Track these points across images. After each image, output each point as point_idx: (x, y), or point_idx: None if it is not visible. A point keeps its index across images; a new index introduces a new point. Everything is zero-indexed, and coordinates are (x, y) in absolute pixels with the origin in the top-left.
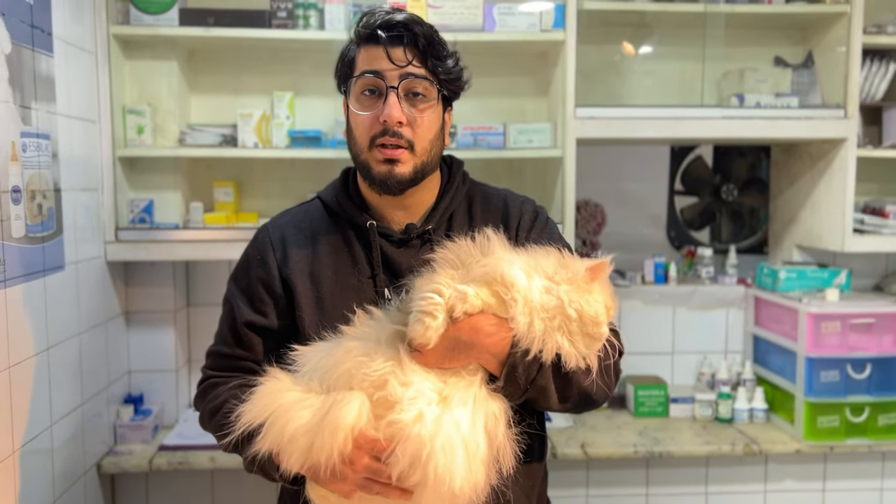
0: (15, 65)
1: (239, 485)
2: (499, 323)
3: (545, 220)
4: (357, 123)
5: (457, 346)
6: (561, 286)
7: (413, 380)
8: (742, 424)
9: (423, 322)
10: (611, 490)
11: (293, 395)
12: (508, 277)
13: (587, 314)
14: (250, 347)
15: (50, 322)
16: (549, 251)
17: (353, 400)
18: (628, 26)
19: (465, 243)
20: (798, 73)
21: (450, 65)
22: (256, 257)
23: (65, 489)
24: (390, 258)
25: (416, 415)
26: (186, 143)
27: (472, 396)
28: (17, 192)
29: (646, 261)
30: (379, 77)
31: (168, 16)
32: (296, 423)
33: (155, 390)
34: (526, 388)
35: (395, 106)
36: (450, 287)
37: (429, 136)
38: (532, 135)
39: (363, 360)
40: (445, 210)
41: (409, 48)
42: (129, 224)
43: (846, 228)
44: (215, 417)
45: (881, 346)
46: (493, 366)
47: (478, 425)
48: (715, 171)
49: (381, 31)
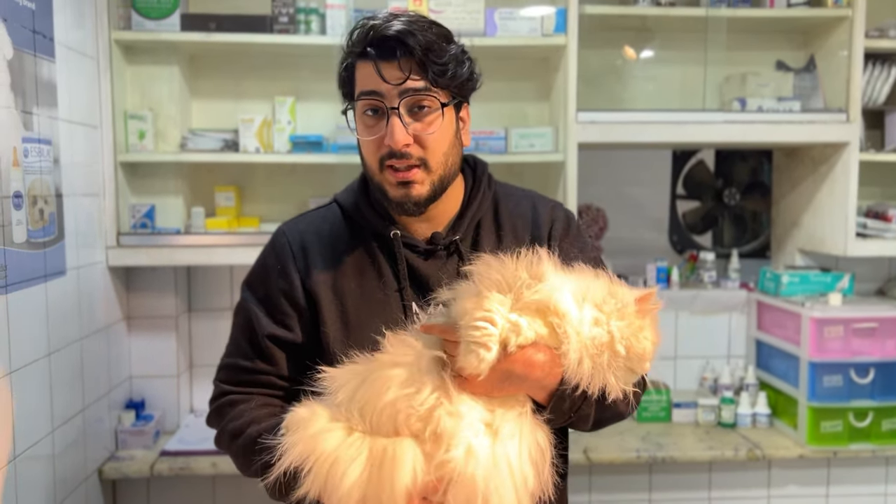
0: (16, 70)
1: (240, 490)
2: (553, 358)
3: (577, 228)
4: (363, 145)
5: (508, 379)
6: (611, 320)
7: (462, 410)
8: (745, 429)
9: (476, 354)
10: (614, 496)
11: (336, 438)
12: (562, 308)
13: (635, 351)
14: (273, 361)
15: (51, 327)
16: (598, 274)
17: (406, 456)
18: (630, 31)
19: (510, 261)
20: (800, 77)
21: (453, 68)
22: (276, 266)
23: (66, 495)
24: (417, 270)
25: (466, 450)
26: (188, 149)
27: (520, 427)
28: (18, 197)
29: (648, 265)
30: (378, 97)
31: (169, 21)
32: (348, 480)
33: (156, 396)
34: (569, 418)
35: (397, 129)
36: (502, 317)
37: (442, 148)
38: (534, 139)
39: (409, 392)
40: (472, 218)
41: (404, 61)
42: (130, 229)
43: (849, 232)
44: (238, 441)
45: (884, 350)
46: (541, 397)
47: (525, 457)
48: (717, 175)
49: (372, 49)
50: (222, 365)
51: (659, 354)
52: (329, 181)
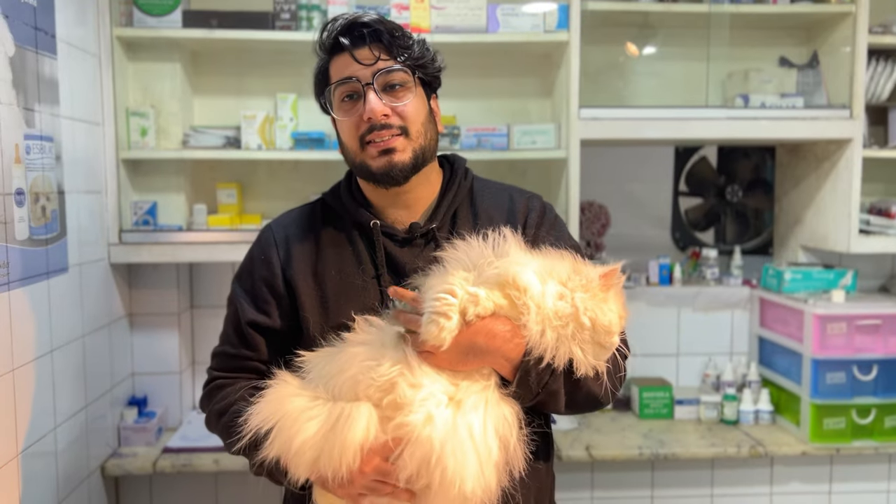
0: (18, 67)
1: (243, 487)
2: (514, 328)
3: (553, 217)
4: (344, 129)
5: (471, 350)
6: (576, 293)
7: (423, 382)
8: (747, 426)
9: (437, 323)
10: (616, 492)
11: (300, 402)
12: (522, 281)
13: (600, 323)
14: (255, 347)
15: (53, 324)
16: (563, 255)
17: (360, 415)
18: (632, 27)
19: (478, 243)
20: (803, 73)
21: (417, 50)
22: (260, 257)
23: (69, 492)
24: (394, 258)
25: (426, 417)
26: (190, 146)
27: (485, 400)
28: (20, 194)
29: (650, 262)
30: (353, 81)
31: (171, 18)
32: (302, 435)
33: (159, 392)
34: (537, 393)
35: (374, 101)
36: (462, 288)
37: (419, 118)
38: (536, 136)
39: (370, 364)
40: (449, 207)
41: (374, 45)
42: (132, 226)
43: (852, 229)
44: (222, 419)
45: (887, 347)
46: (507, 370)
47: (489, 429)
48: (719, 171)
49: (343, 38)
50: (213, 353)
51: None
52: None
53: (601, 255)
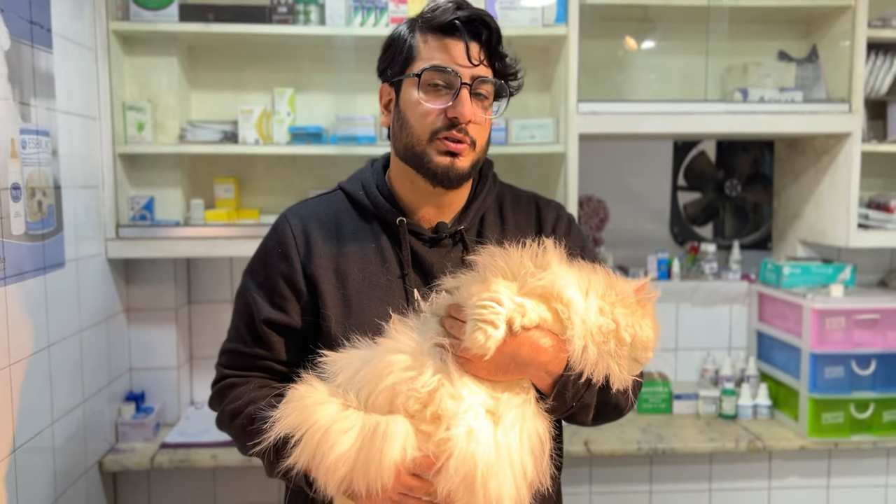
0: (14, 61)
1: (240, 482)
2: (559, 343)
3: (578, 229)
4: (418, 114)
5: (514, 361)
6: (616, 309)
7: (463, 393)
8: (746, 421)
9: (483, 331)
10: (614, 487)
11: (331, 411)
12: (566, 296)
13: (640, 339)
14: (269, 346)
15: (50, 320)
16: (596, 268)
17: (397, 432)
18: (631, 21)
19: (517, 252)
20: (802, 67)
21: (512, 65)
22: (277, 250)
23: (66, 487)
24: (421, 257)
25: (467, 431)
26: (187, 140)
27: (522, 415)
28: (16, 189)
29: (649, 257)
30: (453, 72)
31: (168, 11)
32: (337, 450)
33: (156, 388)
34: (571, 406)
35: (468, 104)
36: (509, 298)
37: (487, 134)
38: (534, 130)
39: (411, 374)
40: (478, 211)
41: (484, 46)
42: (129, 221)
43: (850, 223)
44: (237, 420)
45: (886, 341)
46: (545, 384)
47: (525, 446)
48: (718, 166)
49: (461, 24)
50: (223, 350)
51: (660, 346)
52: (329, 173)
53: (599, 250)
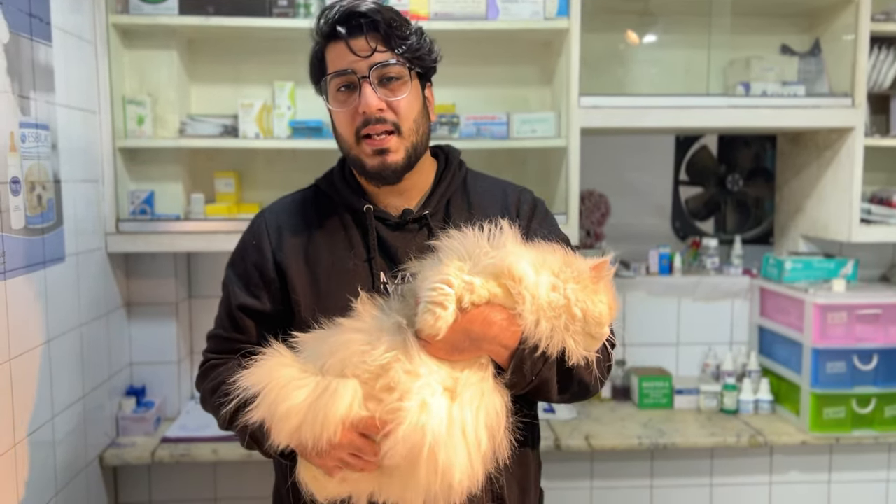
0: (13, 54)
1: (241, 477)
2: (510, 316)
3: (545, 211)
4: (339, 121)
5: (467, 338)
6: (568, 285)
7: (421, 371)
8: (747, 416)
9: (433, 312)
10: (615, 482)
11: (290, 372)
12: (517, 272)
13: (591, 314)
14: (245, 330)
15: (51, 314)
16: (555, 247)
17: (346, 390)
18: (633, 14)
19: (474, 234)
20: (805, 61)
21: (414, 41)
22: (252, 242)
23: (67, 481)
24: (387, 242)
25: (420, 404)
26: (187, 134)
27: (480, 392)
28: (16, 183)
29: (650, 251)
30: (349, 73)
31: (167, 5)
32: (289, 402)
33: (157, 382)
34: (531, 381)
35: (370, 95)
36: (458, 277)
37: (412, 114)
38: (536, 124)
39: (364, 349)
40: (442, 196)
41: (370, 35)
42: (129, 215)
43: (853, 218)
44: (214, 396)
45: (888, 337)
46: (503, 357)
47: (480, 421)
48: (720, 160)
49: (340, 26)
50: (208, 336)
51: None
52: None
53: (601, 245)
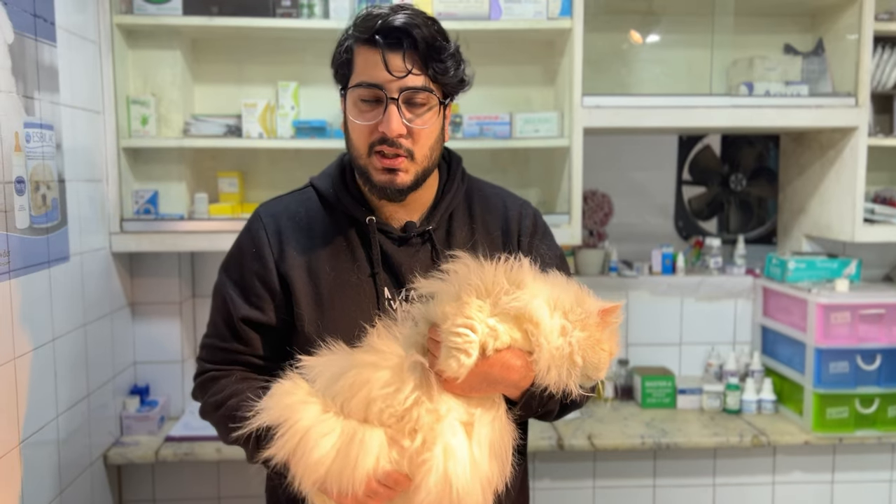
0: (17, 54)
1: (245, 476)
2: (527, 364)
3: (544, 226)
4: (355, 129)
5: (486, 380)
6: (574, 331)
7: (441, 409)
8: (750, 416)
9: (457, 359)
10: (618, 482)
11: (312, 412)
12: (536, 317)
13: (591, 362)
14: (248, 342)
15: (55, 313)
16: (570, 282)
17: (373, 441)
18: (636, 14)
19: (491, 267)
20: (808, 60)
21: (451, 66)
22: (251, 249)
23: (71, 480)
24: (390, 256)
25: (444, 448)
26: (191, 134)
27: (493, 429)
28: (20, 182)
29: (653, 251)
30: (378, 88)
31: (171, 5)
32: (318, 452)
33: (161, 381)
34: (536, 412)
35: (395, 119)
36: (482, 322)
37: (429, 143)
38: (538, 124)
39: (388, 391)
40: (446, 209)
41: (409, 54)
42: (133, 215)
43: (856, 218)
44: (220, 410)
45: (891, 336)
46: (514, 395)
47: (494, 456)
48: (723, 160)
49: (380, 37)
50: (203, 344)
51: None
52: None
53: (604, 244)
